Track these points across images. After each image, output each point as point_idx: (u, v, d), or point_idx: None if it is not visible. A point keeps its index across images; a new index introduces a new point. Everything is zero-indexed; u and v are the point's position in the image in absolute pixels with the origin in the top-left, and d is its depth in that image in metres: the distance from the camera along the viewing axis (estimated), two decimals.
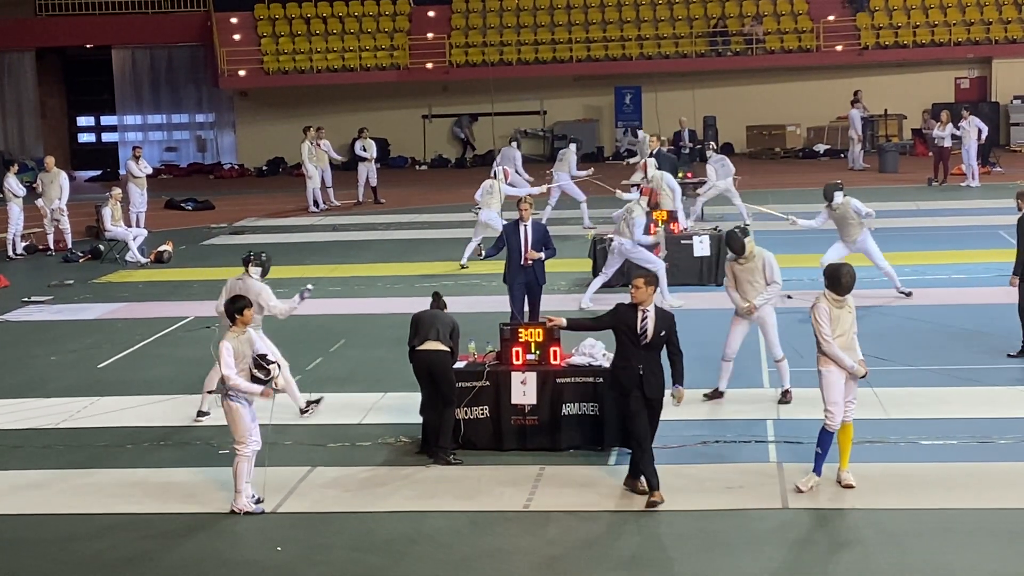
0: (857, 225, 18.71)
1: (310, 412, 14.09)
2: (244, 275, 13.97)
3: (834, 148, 42.08)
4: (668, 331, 11.37)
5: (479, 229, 23.33)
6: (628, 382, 11.26)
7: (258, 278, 13.98)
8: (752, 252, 13.89)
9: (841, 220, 18.80)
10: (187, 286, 22.75)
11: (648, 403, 11.26)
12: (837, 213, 18.77)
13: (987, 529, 10.40)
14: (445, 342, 12.49)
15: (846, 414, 11.31)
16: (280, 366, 11.59)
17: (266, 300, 13.83)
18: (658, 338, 11.32)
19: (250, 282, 13.89)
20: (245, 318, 11.36)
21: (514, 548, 10.38)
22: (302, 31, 45.70)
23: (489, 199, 23.26)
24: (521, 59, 44.08)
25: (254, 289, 13.78)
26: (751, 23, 43.87)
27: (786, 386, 13.96)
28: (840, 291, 11.30)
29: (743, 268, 13.95)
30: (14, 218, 27.02)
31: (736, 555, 10.12)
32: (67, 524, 11.29)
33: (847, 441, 11.37)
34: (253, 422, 11.31)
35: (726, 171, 26.82)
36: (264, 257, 14.19)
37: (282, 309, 13.95)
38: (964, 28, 42.97)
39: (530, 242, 16.37)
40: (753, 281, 13.88)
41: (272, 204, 34.97)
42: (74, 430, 14.10)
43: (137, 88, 48.37)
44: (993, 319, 17.76)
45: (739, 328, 14.13)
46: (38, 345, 18.54)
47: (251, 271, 13.97)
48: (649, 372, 11.24)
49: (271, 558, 10.41)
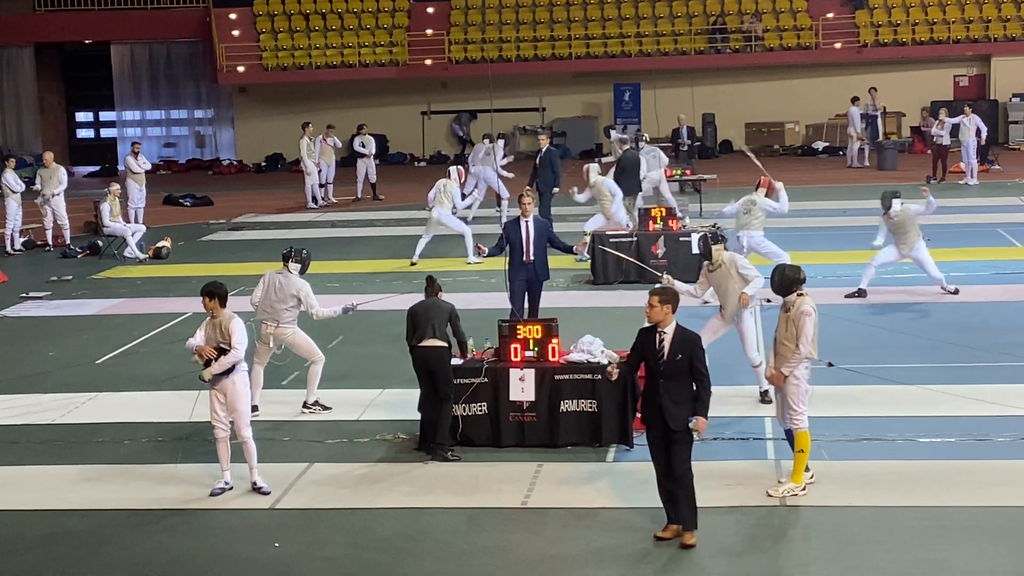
0: (915, 231, 18.69)
1: (311, 411, 14.10)
2: (284, 270, 14.05)
3: (833, 146, 42.08)
4: (687, 355, 10.23)
5: (431, 227, 23.49)
6: (648, 415, 10.36)
7: (297, 274, 14.04)
8: (720, 259, 13.84)
9: (899, 228, 18.72)
10: (185, 282, 22.73)
11: (672, 434, 10.24)
12: (895, 221, 18.70)
13: (984, 526, 10.42)
14: (442, 337, 12.48)
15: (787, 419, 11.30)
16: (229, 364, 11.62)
17: (306, 297, 13.93)
18: (674, 363, 10.24)
19: (291, 278, 13.98)
20: (205, 305, 11.64)
21: (512, 544, 10.39)
22: (301, 27, 45.68)
23: (442, 197, 23.38)
24: (520, 56, 44.07)
25: (295, 285, 13.91)
26: (750, 20, 43.87)
27: (764, 387, 13.92)
28: (774, 291, 11.42)
29: (714, 274, 13.95)
30: (12, 214, 27.02)
31: (733, 552, 10.13)
32: (65, 519, 11.30)
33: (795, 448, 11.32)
34: (222, 410, 11.57)
35: (658, 162, 27.30)
36: (304, 253, 14.28)
37: (320, 313, 14.05)
38: (963, 26, 42.97)
39: (532, 238, 16.38)
40: (728, 286, 13.83)
41: (271, 200, 34.96)
42: (72, 425, 14.10)
43: (136, 84, 48.35)
44: (991, 317, 17.77)
45: (713, 326, 14.08)
46: (36, 341, 18.54)
47: (291, 267, 14.05)
48: (671, 402, 10.18)
49: (268, 554, 10.41)
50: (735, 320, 13.91)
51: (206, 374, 11.52)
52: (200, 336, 11.58)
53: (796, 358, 11.10)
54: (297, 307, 13.96)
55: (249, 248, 26.55)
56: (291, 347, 14.16)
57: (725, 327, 14.05)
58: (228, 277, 22.78)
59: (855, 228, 24.61)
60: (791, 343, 11.12)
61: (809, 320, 11.11)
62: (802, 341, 11.08)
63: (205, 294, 11.70)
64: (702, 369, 10.23)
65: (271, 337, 13.96)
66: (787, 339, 11.16)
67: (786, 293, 11.29)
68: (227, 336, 11.48)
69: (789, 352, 11.13)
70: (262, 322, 14.01)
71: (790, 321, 11.18)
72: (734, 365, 14.50)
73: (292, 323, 14.01)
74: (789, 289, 11.27)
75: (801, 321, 11.10)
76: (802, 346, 11.08)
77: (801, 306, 11.18)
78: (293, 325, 14.03)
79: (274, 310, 13.90)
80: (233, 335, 11.48)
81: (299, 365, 14.60)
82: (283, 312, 13.91)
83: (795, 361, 11.10)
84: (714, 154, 41.97)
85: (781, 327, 11.25)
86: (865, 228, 24.82)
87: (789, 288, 11.27)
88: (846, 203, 29.51)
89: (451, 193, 23.31)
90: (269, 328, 13.94)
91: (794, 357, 11.10)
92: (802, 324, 11.09)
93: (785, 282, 11.30)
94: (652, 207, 22.11)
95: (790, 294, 11.27)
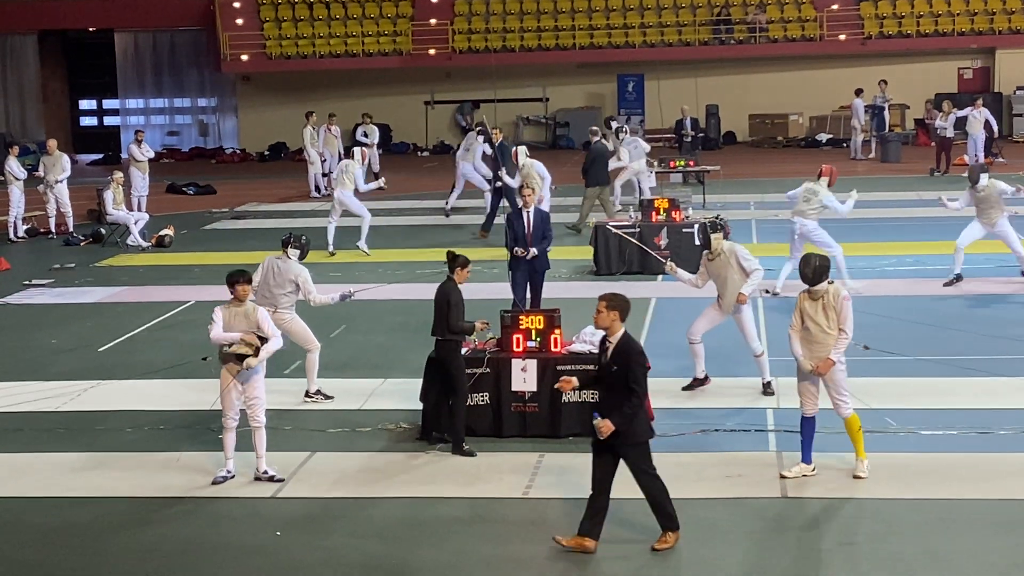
0: (999, 208, 18.76)
1: (313, 400, 14.11)
2: (283, 255, 14.05)
3: (836, 137, 42.06)
4: (623, 367, 9.70)
5: (335, 209, 23.52)
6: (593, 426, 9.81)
7: (297, 260, 14.04)
8: (720, 248, 13.82)
9: (984, 202, 18.84)
10: (188, 270, 22.76)
11: (616, 446, 9.78)
12: (981, 195, 18.79)
13: (987, 519, 10.41)
14: (443, 334, 12.38)
15: (838, 410, 11.36)
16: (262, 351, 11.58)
17: (304, 283, 13.93)
18: (611, 373, 9.77)
19: (290, 263, 13.98)
20: (238, 292, 11.52)
21: (513, 535, 10.39)
22: (305, 16, 45.64)
23: (344, 179, 23.41)
24: (524, 46, 44.03)
25: (293, 270, 13.92)
26: (754, 11, 43.82)
27: (767, 378, 13.95)
28: (805, 282, 11.39)
29: (713, 263, 13.92)
30: (15, 201, 27.02)
31: (735, 544, 10.13)
32: (67, 507, 11.30)
33: (850, 434, 11.39)
34: (238, 400, 11.51)
35: (639, 153, 27.41)
36: (304, 240, 14.27)
37: (318, 299, 14.03)
38: (968, 18, 42.90)
39: (532, 229, 16.39)
40: (727, 275, 13.81)
41: (274, 189, 34.95)
42: (75, 413, 14.11)
43: (139, 72, 48.36)
44: (994, 309, 17.76)
45: (709, 316, 14.09)
46: (39, 328, 18.55)
47: (290, 253, 14.05)
48: (611, 413, 9.68)
49: (270, 543, 10.42)
50: (734, 311, 13.90)
51: (253, 363, 11.48)
52: (220, 325, 11.48)
53: (843, 342, 11.22)
54: (295, 293, 13.96)
55: (252, 237, 26.54)
56: (287, 333, 14.11)
57: (722, 317, 14.04)
58: (231, 265, 22.61)
59: (857, 220, 24.58)
60: (832, 330, 11.22)
61: (850, 304, 11.28)
62: (847, 325, 11.22)
63: (243, 280, 11.59)
64: (634, 386, 9.67)
65: None
66: (827, 327, 11.25)
67: (818, 282, 11.32)
68: (256, 325, 11.45)
69: (831, 339, 11.22)
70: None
71: (827, 308, 11.26)
72: (735, 356, 14.50)
73: (290, 308, 14.02)
74: (821, 278, 11.32)
75: (843, 306, 11.23)
76: (848, 329, 11.22)
77: (839, 292, 11.31)
78: (291, 311, 14.04)
79: (272, 295, 13.90)
80: (265, 323, 11.50)
81: (302, 354, 14.59)
82: (281, 297, 13.91)
83: (843, 345, 11.22)
84: (717, 145, 41.94)
85: (818, 316, 11.27)
86: (868, 220, 24.88)
87: (821, 277, 11.32)
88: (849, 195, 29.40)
89: (353, 174, 23.33)
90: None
91: (841, 342, 11.22)
92: (845, 309, 11.23)
93: (818, 271, 11.33)
94: (655, 198, 22.06)
95: (821, 283, 11.31)
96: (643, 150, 27.49)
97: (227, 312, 11.56)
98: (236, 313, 11.53)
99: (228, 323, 11.50)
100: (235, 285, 11.59)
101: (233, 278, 11.65)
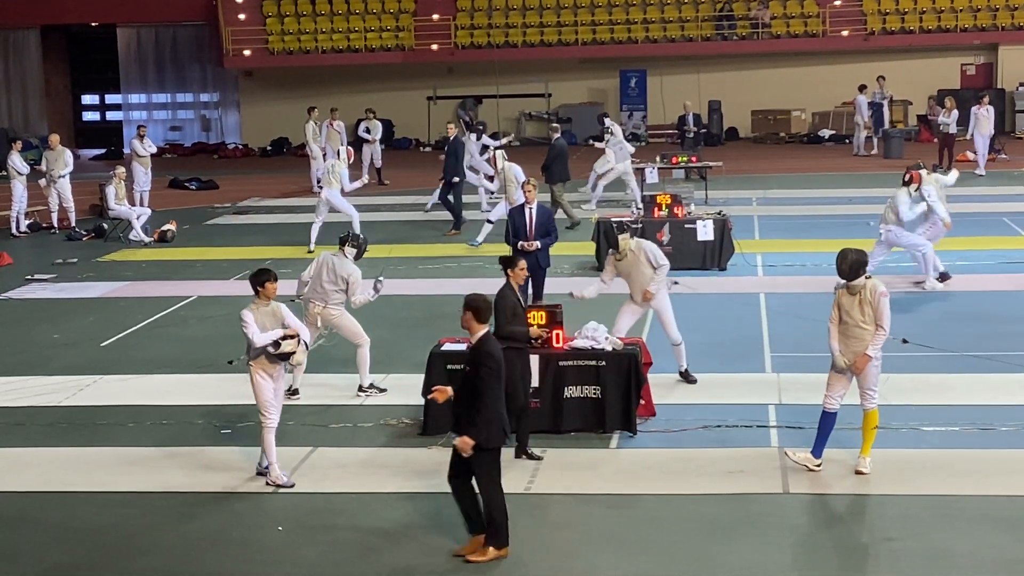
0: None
1: (367, 395, 14.10)
2: (339, 252, 14.05)
3: (839, 134, 42.02)
4: (475, 369, 9.54)
5: (321, 208, 23.53)
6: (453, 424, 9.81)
7: (352, 259, 14.04)
8: (627, 247, 14.00)
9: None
10: (190, 266, 22.77)
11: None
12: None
13: (988, 515, 10.42)
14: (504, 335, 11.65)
15: (864, 402, 11.36)
16: (306, 344, 11.56)
17: (354, 283, 13.91)
18: (466, 375, 9.64)
19: (345, 261, 13.98)
20: (267, 291, 11.42)
21: (515, 530, 10.38)
22: (307, 11, 45.60)
23: (330, 178, 23.44)
24: (526, 41, 44.00)
25: (347, 268, 13.92)
26: (757, 7, 43.78)
27: (684, 367, 14.12)
28: (842, 277, 11.33)
29: (622, 263, 14.08)
30: (18, 196, 27.02)
31: (736, 539, 10.13)
32: (68, 502, 11.32)
33: (865, 428, 11.40)
34: (276, 397, 11.41)
35: (624, 154, 27.58)
36: (362, 239, 14.31)
37: (358, 300, 14.00)
38: (971, 14, 42.85)
39: (535, 225, 16.41)
40: (637, 273, 13.99)
41: (276, 184, 34.95)
42: (77, 408, 14.12)
43: (142, 67, 48.34)
44: (996, 306, 17.76)
45: (628, 311, 14.23)
46: (41, 323, 18.56)
47: (346, 251, 14.04)
48: (463, 414, 9.62)
49: (272, 538, 10.43)
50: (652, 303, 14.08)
51: (302, 358, 11.46)
52: (256, 328, 11.23)
53: (880, 338, 11.21)
54: (345, 291, 13.95)
55: (254, 232, 26.56)
56: (337, 329, 14.17)
57: (641, 309, 14.25)
58: (233, 261, 22.88)
59: (861, 216, 24.58)
60: (869, 326, 11.19)
61: (887, 299, 11.26)
62: (884, 321, 11.21)
63: (272, 279, 11.41)
64: (482, 389, 9.45)
65: (318, 317, 13.93)
66: (864, 322, 11.21)
67: (855, 277, 11.28)
68: (283, 322, 11.35)
69: (869, 335, 11.21)
70: (309, 301, 13.99)
71: (864, 304, 11.23)
72: (738, 352, 14.51)
73: (340, 305, 14.04)
74: (857, 273, 11.28)
75: (880, 302, 11.20)
76: (885, 325, 11.22)
77: (876, 288, 11.27)
78: (341, 307, 14.06)
79: (324, 291, 13.89)
80: (291, 318, 11.44)
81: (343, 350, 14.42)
82: (333, 294, 13.90)
83: (879, 341, 11.21)
84: (720, 141, 41.91)
85: (854, 311, 11.23)
86: (871, 216, 24.82)
87: (857, 272, 11.28)
88: (852, 191, 29.47)
89: (339, 174, 23.36)
90: (316, 308, 13.93)
91: (878, 338, 11.21)
92: (883, 304, 11.21)
93: (855, 266, 11.28)
94: (657, 194, 22.04)
95: (858, 278, 11.28)
96: (628, 151, 27.71)
97: (256, 314, 11.31)
98: (264, 313, 11.37)
99: (260, 324, 11.29)
100: (264, 284, 11.37)
101: (262, 277, 11.41)
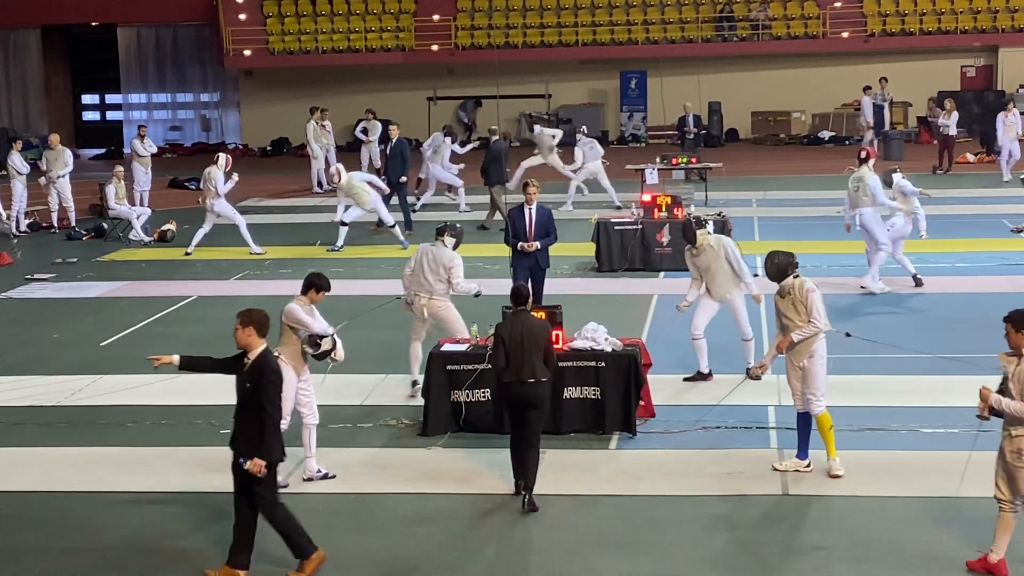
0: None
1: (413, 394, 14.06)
2: (437, 242, 14.01)
3: (839, 135, 42.01)
4: (255, 384, 9.23)
5: (209, 217, 23.64)
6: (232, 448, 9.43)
7: (452, 248, 14.01)
8: (706, 242, 14.00)
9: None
10: (190, 265, 22.78)
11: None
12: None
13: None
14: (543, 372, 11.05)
15: (809, 407, 11.38)
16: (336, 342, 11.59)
17: (455, 269, 13.85)
18: (245, 390, 9.29)
19: (443, 250, 13.93)
20: (319, 298, 11.55)
21: (514, 531, 10.40)
22: (308, 11, 45.60)
23: (208, 185, 23.54)
24: (527, 42, 44.00)
25: (447, 257, 13.87)
26: (758, 8, 43.79)
27: (750, 364, 14.07)
28: (770, 279, 11.47)
29: (700, 258, 14.08)
30: (17, 195, 27.02)
31: (735, 540, 10.14)
32: (68, 501, 11.33)
33: (822, 432, 11.39)
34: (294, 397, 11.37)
35: (595, 154, 27.79)
36: (458, 228, 14.30)
37: (463, 287, 13.94)
38: (971, 16, 42.85)
39: (534, 225, 16.39)
40: (716, 268, 13.99)
41: (276, 184, 34.93)
42: (76, 408, 14.13)
43: (142, 67, 48.33)
44: (995, 307, 17.70)
45: (705, 308, 14.23)
46: (41, 323, 18.57)
47: (445, 240, 14.01)
48: (243, 437, 9.32)
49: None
50: (728, 299, 14.06)
51: (341, 355, 11.55)
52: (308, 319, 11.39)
53: (808, 328, 11.15)
54: (447, 278, 13.86)
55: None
56: (441, 321, 13.96)
57: (717, 306, 14.24)
58: (232, 261, 22.90)
59: None
60: (804, 324, 11.20)
61: (815, 295, 11.22)
62: (815, 316, 11.16)
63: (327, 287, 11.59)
64: (266, 405, 9.16)
65: (424, 309, 13.86)
66: (801, 321, 11.20)
67: (782, 278, 11.34)
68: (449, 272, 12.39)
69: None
70: (414, 294, 13.91)
71: (797, 303, 11.22)
72: (738, 353, 14.49)
73: (445, 296, 13.90)
74: (785, 273, 11.34)
75: (808, 297, 11.18)
76: (816, 320, 11.15)
77: (804, 285, 11.26)
78: (446, 299, 13.92)
79: (427, 282, 13.81)
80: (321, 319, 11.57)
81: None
82: (436, 284, 13.81)
83: (806, 331, 11.15)
84: (720, 142, 41.92)
85: (790, 312, 11.25)
86: None
87: (785, 272, 11.34)
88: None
89: (214, 179, 23.38)
90: (422, 300, 13.85)
91: (806, 328, 11.15)
92: (811, 300, 11.18)
93: (781, 267, 11.34)
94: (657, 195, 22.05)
95: (786, 278, 11.31)
96: (599, 152, 27.85)
97: (306, 308, 11.45)
98: (307, 312, 11.49)
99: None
100: (320, 291, 11.57)
101: (322, 283, 11.57)
